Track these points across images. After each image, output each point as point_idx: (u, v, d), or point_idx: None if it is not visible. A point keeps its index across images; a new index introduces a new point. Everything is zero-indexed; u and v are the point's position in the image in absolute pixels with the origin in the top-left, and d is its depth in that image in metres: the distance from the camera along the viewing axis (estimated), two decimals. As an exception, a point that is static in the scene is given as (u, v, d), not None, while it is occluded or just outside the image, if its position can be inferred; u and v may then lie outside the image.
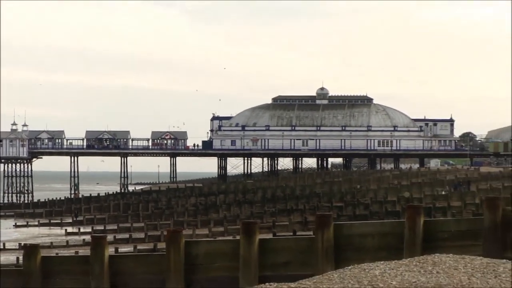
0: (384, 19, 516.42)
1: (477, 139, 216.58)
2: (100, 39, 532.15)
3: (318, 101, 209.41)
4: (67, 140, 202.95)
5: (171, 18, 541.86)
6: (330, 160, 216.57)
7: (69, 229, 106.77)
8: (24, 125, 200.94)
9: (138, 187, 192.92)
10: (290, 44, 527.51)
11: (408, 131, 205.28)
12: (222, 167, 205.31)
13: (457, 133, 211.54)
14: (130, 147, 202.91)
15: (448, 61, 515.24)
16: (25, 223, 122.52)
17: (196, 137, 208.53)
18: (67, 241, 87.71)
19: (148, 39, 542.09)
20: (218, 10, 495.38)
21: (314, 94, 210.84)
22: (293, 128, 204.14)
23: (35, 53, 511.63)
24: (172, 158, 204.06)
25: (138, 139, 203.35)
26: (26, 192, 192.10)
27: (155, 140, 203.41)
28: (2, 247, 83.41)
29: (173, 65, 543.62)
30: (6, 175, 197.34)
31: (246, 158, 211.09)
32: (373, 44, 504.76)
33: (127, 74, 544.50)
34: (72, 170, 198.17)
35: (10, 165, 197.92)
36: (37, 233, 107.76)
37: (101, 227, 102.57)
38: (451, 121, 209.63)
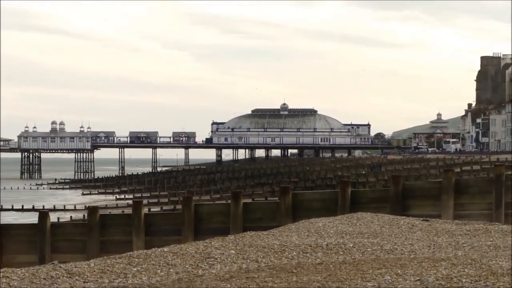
0: (324, 57, 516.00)
1: (386, 137, 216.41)
2: (139, 72, 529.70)
3: (281, 112, 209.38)
4: (116, 137, 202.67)
5: (183, 58, 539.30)
6: (290, 151, 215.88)
7: (118, 196, 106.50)
8: (88, 127, 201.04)
9: (164, 169, 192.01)
10: (263, 74, 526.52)
11: (340, 132, 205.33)
12: (219, 155, 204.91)
13: (372, 133, 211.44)
14: (158, 142, 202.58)
15: (368, 86, 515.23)
16: (89, 192, 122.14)
17: (202, 135, 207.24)
18: (116, 204, 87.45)
19: (170, 72, 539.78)
20: (214, 52, 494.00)
21: (279, 107, 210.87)
22: (265, 130, 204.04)
23: (95, 80, 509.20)
24: (186, 149, 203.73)
25: (163, 137, 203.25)
26: (89, 171, 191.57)
27: (175, 138, 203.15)
28: (73, 208, 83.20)
29: (186, 89, 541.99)
30: (76, 160, 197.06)
31: (234, 150, 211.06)
32: (318, 74, 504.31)
33: (155, 94, 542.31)
34: (120, 157, 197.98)
35: (79, 154, 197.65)
36: (96, 199, 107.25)
37: (139, 195, 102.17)
38: (368, 125, 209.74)
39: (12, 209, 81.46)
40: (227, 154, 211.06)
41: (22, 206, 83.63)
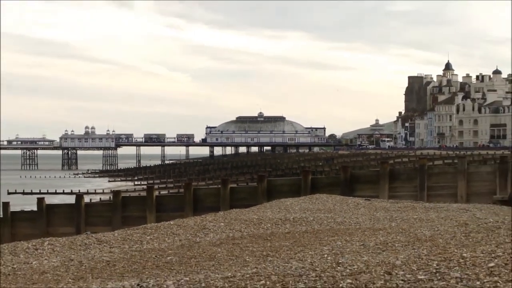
0: (290, 76, 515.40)
1: (337, 137, 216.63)
2: (150, 89, 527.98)
3: (258, 119, 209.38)
4: (134, 138, 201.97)
5: (183, 79, 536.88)
6: (265, 148, 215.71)
7: (136, 182, 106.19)
8: (113, 131, 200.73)
9: (170, 162, 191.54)
10: (244, 90, 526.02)
11: (303, 133, 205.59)
12: (212, 152, 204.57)
13: (327, 134, 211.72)
14: (166, 142, 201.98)
15: (324, 98, 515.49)
16: (113, 180, 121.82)
17: (199, 137, 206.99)
18: (134, 188, 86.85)
19: (174, 89, 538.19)
20: (207, 74, 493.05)
21: (256, 115, 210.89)
22: (246, 132, 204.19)
23: (117, 94, 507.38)
24: (186, 147, 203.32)
25: (169, 138, 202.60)
26: (114, 164, 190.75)
27: (178, 138, 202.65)
28: (102, 191, 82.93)
29: (186, 101, 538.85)
30: (104, 156, 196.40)
31: (223, 147, 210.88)
32: (286, 90, 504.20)
33: (163, 105, 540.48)
34: (137, 153, 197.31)
35: (106, 151, 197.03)
36: (119, 185, 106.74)
37: (151, 181, 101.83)
38: (324, 128, 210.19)
39: (56, 193, 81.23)
40: (218, 151, 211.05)
41: (63, 190, 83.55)
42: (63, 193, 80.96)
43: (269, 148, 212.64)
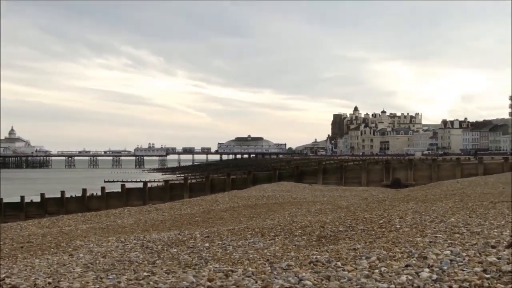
0: (265, 114, 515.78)
1: (293, 149, 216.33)
2: (185, 121, 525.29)
3: (248, 138, 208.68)
4: (176, 149, 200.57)
5: (203, 116, 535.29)
6: (252, 155, 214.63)
7: (178, 175, 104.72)
8: (164, 145, 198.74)
9: (197, 163, 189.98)
10: (240, 122, 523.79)
11: (273, 147, 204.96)
12: (221, 158, 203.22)
13: (287, 147, 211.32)
14: (195, 151, 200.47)
15: (284, 127, 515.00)
16: (164, 173, 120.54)
17: (214, 149, 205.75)
18: (177, 179, 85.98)
19: (198, 122, 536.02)
20: (218, 113, 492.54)
21: (247, 136, 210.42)
22: (241, 146, 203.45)
23: (168, 125, 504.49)
24: (207, 155, 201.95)
25: (197, 149, 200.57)
26: (165, 165, 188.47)
27: (202, 150, 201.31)
28: (158, 180, 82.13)
29: (206, 129, 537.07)
30: (159, 160, 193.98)
31: (227, 155, 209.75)
32: (263, 121, 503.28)
33: (193, 131, 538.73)
34: (178, 159, 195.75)
35: (160, 157, 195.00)
36: (168, 177, 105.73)
37: (186, 174, 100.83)
38: (285, 144, 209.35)
39: (131, 181, 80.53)
40: (225, 157, 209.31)
41: (136, 180, 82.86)
42: (136, 181, 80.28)
43: (254, 155, 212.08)
